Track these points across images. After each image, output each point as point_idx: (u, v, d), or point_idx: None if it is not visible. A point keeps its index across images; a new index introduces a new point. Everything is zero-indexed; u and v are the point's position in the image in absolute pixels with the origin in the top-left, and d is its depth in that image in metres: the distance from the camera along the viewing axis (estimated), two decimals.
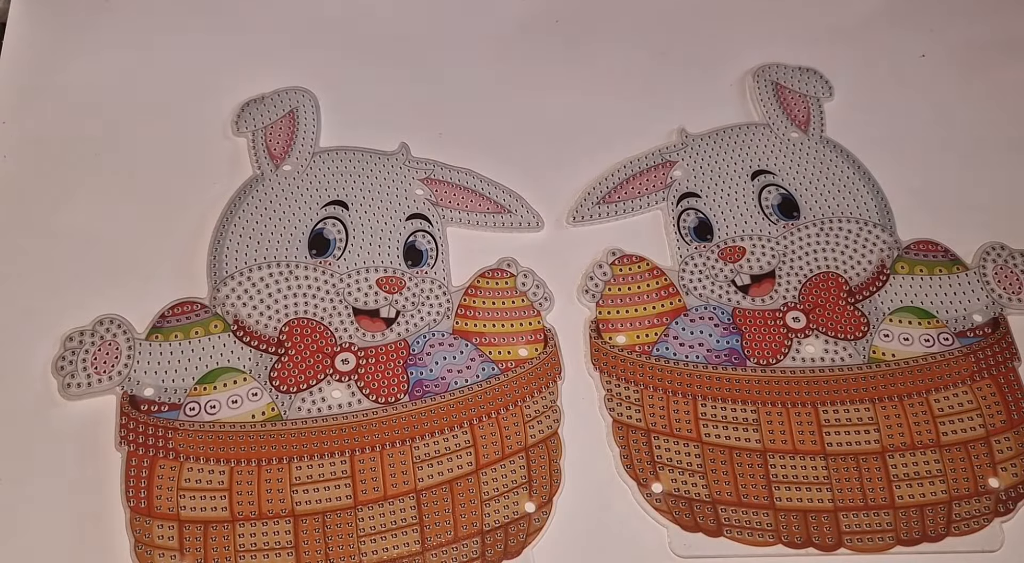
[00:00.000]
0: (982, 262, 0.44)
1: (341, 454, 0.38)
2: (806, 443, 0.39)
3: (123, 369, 0.40)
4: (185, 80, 0.48)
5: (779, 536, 0.37)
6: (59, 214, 0.44)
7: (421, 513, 0.37)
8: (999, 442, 0.39)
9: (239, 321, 0.41)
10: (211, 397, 0.39)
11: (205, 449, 0.38)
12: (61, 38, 0.50)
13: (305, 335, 0.41)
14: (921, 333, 0.42)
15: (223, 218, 0.44)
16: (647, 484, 0.38)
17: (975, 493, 0.38)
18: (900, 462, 0.39)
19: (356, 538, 0.37)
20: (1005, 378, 0.41)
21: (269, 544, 0.37)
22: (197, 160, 0.46)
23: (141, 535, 0.36)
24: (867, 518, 0.38)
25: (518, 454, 0.39)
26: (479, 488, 0.38)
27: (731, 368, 0.41)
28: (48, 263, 0.43)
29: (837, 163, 0.47)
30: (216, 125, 0.47)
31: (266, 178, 0.45)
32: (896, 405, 0.40)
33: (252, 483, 0.38)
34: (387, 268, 0.43)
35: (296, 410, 0.39)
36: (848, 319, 0.42)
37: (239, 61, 0.49)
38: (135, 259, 0.43)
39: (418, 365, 0.40)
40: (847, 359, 0.41)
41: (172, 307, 0.41)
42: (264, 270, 0.42)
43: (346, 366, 0.40)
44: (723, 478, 0.38)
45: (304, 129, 0.46)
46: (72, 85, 0.48)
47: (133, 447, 0.38)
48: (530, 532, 0.37)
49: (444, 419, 0.39)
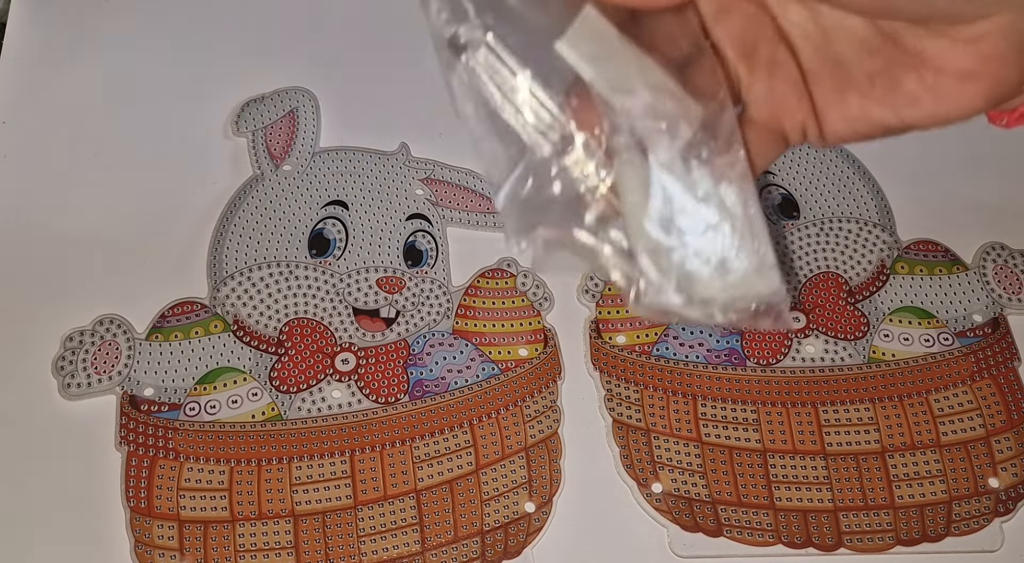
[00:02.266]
0: (982, 262, 0.44)
1: (341, 454, 0.38)
2: (806, 443, 0.39)
3: (123, 369, 0.40)
4: (185, 80, 0.48)
5: (779, 536, 0.37)
6: (59, 214, 0.44)
7: (421, 513, 0.37)
8: (999, 442, 0.39)
9: (239, 321, 0.41)
10: (211, 397, 0.39)
11: (205, 449, 0.38)
12: (61, 38, 0.50)
13: (305, 335, 0.41)
14: (921, 333, 0.42)
15: (223, 218, 0.44)
16: (647, 484, 0.38)
17: (975, 493, 0.38)
18: (900, 462, 0.39)
19: (356, 538, 0.37)
20: (1005, 378, 0.41)
21: (269, 544, 0.37)
22: (197, 160, 0.46)
23: (141, 535, 0.36)
24: (867, 518, 0.38)
25: (518, 454, 0.39)
26: (479, 488, 0.38)
27: (731, 368, 0.41)
28: (48, 263, 0.43)
29: (837, 163, 0.47)
30: (216, 125, 0.47)
31: (266, 178, 0.45)
32: (896, 405, 0.40)
33: (252, 483, 0.38)
34: (387, 268, 0.43)
35: (296, 410, 0.39)
36: (848, 319, 0.42)
37: (239, 61, 0.49)
38: (135, 259, 0.43)
39: (418, 365, 0.40)
40: (847, 359, 0.41)
41: (172, 307, 0.41)
42: (264, 270, 0.42)
43: (346, 366, 0.40)
44: (723, 478, 0.38)
45: (304, 129, 0.46)
46: (72, 85, 0.48)
47: (133, 447, 0.38)
48: (530, 532, 0.37)
49: (444, 419, 0.39)
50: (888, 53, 0.30)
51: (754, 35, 0.32)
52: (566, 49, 0.28)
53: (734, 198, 0.29)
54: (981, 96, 0.30)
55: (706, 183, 0.29)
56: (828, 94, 0.31)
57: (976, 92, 0.30)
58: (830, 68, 0.31)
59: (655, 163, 0.29)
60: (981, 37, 0.28)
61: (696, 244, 0.29)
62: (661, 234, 0.28)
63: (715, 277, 0.28)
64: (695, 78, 0.30)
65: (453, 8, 0.28)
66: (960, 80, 0.29)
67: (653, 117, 0.29)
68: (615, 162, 0.29)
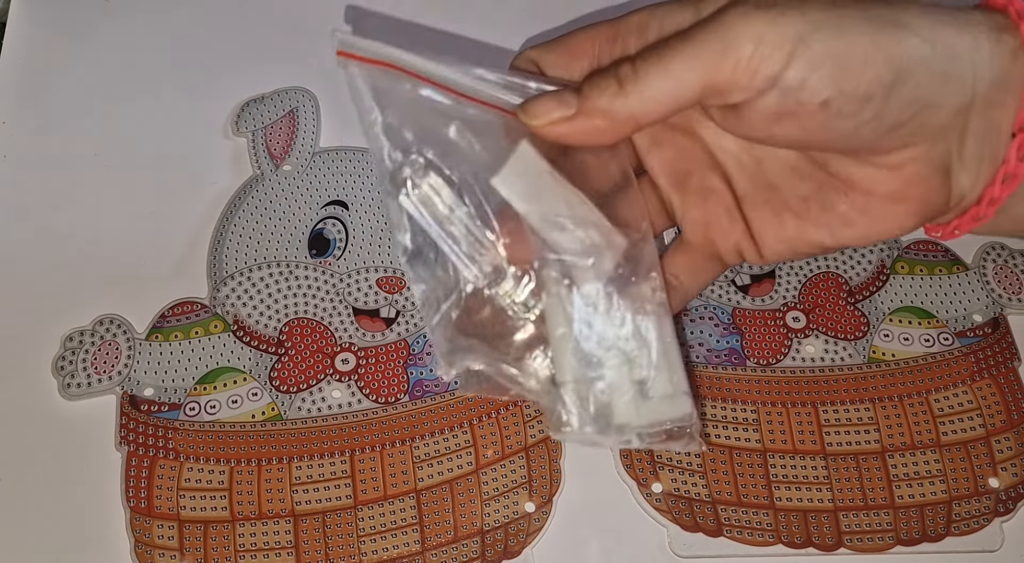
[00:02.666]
0: (982, 262, 0.44)
1: (341, 454, 0.38)
2: (806, 443, 0.39)
3: (123, 369, 0.40)
4: (185, 80, 0.48)
5: (779, 536, 0.37)
6: (59, 214, 0.44)
7: (421, 513, 0.37)
8: (999, 442, 0.39)
9: (239, 321, 0.41)
10: (211, 397, 0.39)
11: (205, 449, 0.38)
12: (61, 38, 0.50)
13: (305, 335, 0.41)
14: (921, 333, 0.42)
15: (223, 218, 0.44)
16: (647, 484, 0.38)
17: (975, 493, 0.38)
18: (900, 462, 0.39)
19: (356, 538, 0.37)
20: (1005, 378, 0.41)
21: (269, 544, 0.37)
22: (197, 160, 0.46)
23: (141, 535, 0.36)
24: (867, 518, 0.38)
25: (518, 454, 0.39)
26: (479, 488, 0.38)
27: (731, 368, 0.41)
28: (48, 263, 0.43)
29: None
30: (216, 125, 0.47)
31: (266, 178, 0.45)
32: (896, 405, 0.40)
33: (252, 483, 0.38)
34: (387, 268, 0.43)
35: (296, 410, 0.39)
36: (848, 319, 0.42)
37: (239, 61, 0.49)
38: (135, 259, 0.43)
39: (418, 365, 0.40)
40: (847, 359, 0.41)
41: (172, 307, 0.41)
42: (264, 270, 0.42)
43: (346, 366, 0.40)
44: (723, 478, 0.38)
45: (304, 129, 0.46)
46: (72, 85, 0.48)
47: (133, 447, 0.38)
48: (530, 532, 0.37)
49: (444, 419, 0.39)
50: (819, 178, 0.32)
51: (687, 164, 0.33)
52: (501, 184, 0.29)
53: (652, 328, 0.30)
54: (911, 216, 0.31)
55: (627, 315, 0.31)
56: (765, 217, 0.33)
57: (906, 212, 0.31)
58: (765, 192, 0.33)
59: (580, 298, 0.30)
60: (903, 164, 0.30)
61: (614, 376, 0.30)
62: (584, 366, 0.30)
63: (631, 407, 0.30)
64: (622, 208, 0.32)
65: (395, 141, 0.29)
66: (890, 202, 0.30)
67: (581, 251, 0.30)
68: (543, 295, 0.30)
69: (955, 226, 0.32)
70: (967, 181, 0.30)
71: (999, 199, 0.30)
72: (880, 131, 0.28)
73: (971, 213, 0.31)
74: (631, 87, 0.28)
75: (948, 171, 0.30)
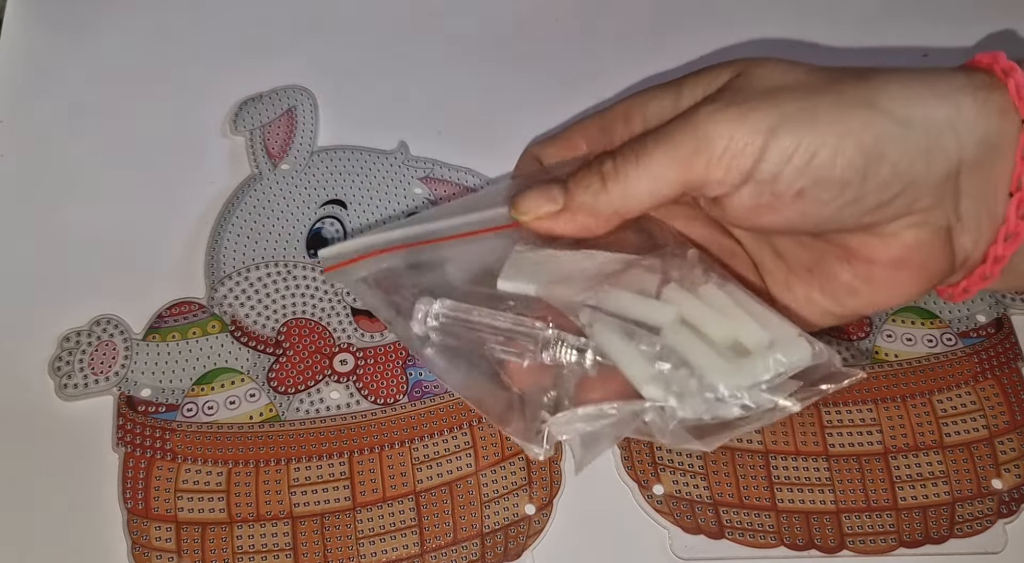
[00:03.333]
0: None
1: (340, 455, 0.38)
2: (808, 444, 0.39)
3: (120, 370, 0.40)
4: (183, 79, 0.48)
5: (781, 538, 0.37)
6: (56, 214, 0.44)
7: (420, 515, 0.37)
8: (1002, 443, 0.39)
9: (237, 321, 0.41)
10: (209, 398, 0.39)
11: (203, 450, 0.38)
12: (58, 37, 0.49)
13: (303, 335, 0.41)
14: (924, 333, 0.41)
15: (221, 217, 0.44)
16: (648, 486, 0.38)
17: (978, 494, 0.38)
18: (903, 463, 0.38)
19: (355, 540, 0.37)
20: (1008, 379, 0.40)
21: (267, 546, 0.36)
22: (195, 159, 0.46)
23: (139, 537, 0.36)
24: (869, 519, 0.37)
25: (518, 456, 0.38)
26: (479, 490, 0.38)
27: None
28: (45, 263, 0.43)
29: None
30: (214, 124, 0.47)
31: (264, 177, 0.45)
32: (899, 406, 0.40)
33: (250, 484, 0.37)
34: None
35: (294, 411, 0.39)
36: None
37: (237, 59, 0.49)
38: (132, 259, 0.43)
39: (417, 366, 0.40)
40: (849, 360, 0.41)
41: (169, 307, 0.41)
42: (262, 270, 0.42)
43: (345, 367, 0.40)
44: (725, 480, 0.38)
45: (302, 128, 0.46)
46: (71, 85, 0.48)
47: (130, 448, 0.38)
48: (530, 534, 0.37)
49: (444, 420, 0.39)
50: (820, 247, 0.32)
51: (706, 229, 0.34)
52: (506, 285, 0.32)
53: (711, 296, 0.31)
54: (917, 283, 0.31)
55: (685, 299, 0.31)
56: (777, 281, 0.33)
57: (910, 278, 0.31)
58: (773, 259, 0.34)
59: (610, 313, 0.31)
60: (900, 231, 0.30)
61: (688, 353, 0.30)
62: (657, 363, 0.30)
63: (730, 373, 0.29)
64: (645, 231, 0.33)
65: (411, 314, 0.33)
66: (892, 269, 0.31)
67: (597, 283, 0.31)
68: (587, 333, 0.31)
69: (964, 286, 0.32)
70: (969, 241, 0.30)
71: (1003, 257, 0.30)
72: (862, 212, 0.29)
73: (978, 272, 0.31)
74: (612, 185, 0.30)
75: (949, 232, 0.30)
